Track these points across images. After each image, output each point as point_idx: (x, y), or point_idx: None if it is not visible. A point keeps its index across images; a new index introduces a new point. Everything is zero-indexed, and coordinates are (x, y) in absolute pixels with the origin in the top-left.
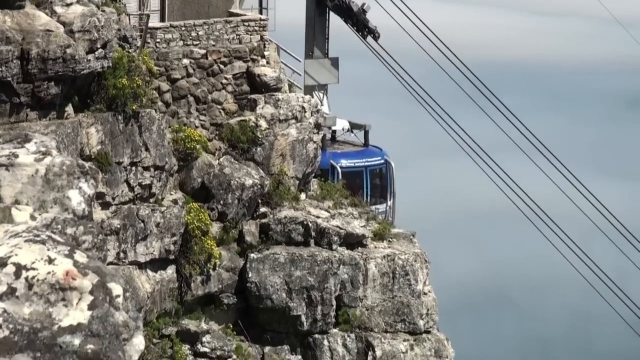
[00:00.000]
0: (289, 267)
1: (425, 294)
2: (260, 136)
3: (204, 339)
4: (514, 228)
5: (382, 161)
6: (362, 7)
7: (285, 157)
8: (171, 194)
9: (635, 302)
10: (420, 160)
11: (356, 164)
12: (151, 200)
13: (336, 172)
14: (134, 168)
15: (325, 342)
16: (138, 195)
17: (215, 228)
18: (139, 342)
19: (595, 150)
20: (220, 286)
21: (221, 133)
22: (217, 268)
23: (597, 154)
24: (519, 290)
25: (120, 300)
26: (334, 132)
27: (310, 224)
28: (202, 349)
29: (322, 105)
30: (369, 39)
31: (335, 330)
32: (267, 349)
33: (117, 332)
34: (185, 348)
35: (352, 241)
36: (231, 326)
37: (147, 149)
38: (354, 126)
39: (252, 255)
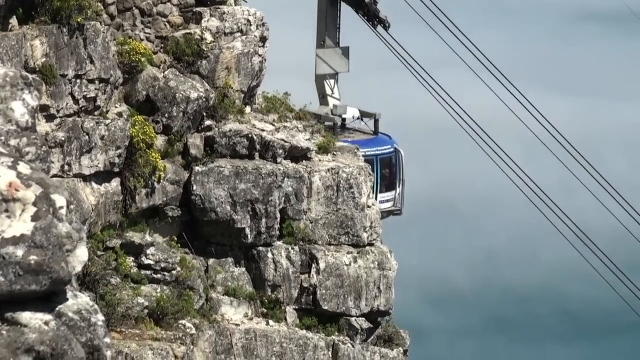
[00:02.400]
0: (234, 180)
1: (369, 206)
2: (205, 49)
3: (148, 251)
4: (460, 143)
5: (392, 149)
6: None
7: (231, 70)
8: (116, 107)
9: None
10: (365, 76)
11: (367, 153)
12: (96, 113)
13: None
14: (78, 81)
15: (269, 255)
16: (83, 108)
17: (160, 141)
18: (82, 253)
19: (540, 66)
20: (165, 199)
21: (166, 46)
22: (161, 181)
23: (542, 70)
24: (466, 203)
25: (63, 211)
26: (344, 119)
27: (255, 137)
28: (147, 261)
29: (333, 93)
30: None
31: (279, 243)
32: (211, 261)
33: (60, 243)
34: (130, 260)
35: (297, 154)
36: (175, 238)
37: (92, 62)
38: (363, 114)
39: (196, 168)
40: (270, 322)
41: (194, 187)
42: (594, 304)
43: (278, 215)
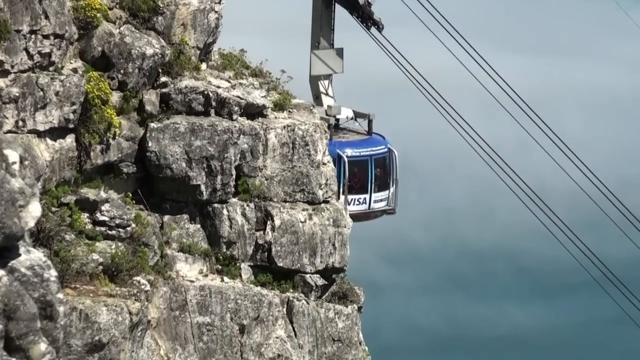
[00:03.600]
0: (189, 136)
1: (324, 164)
2: (161, 5)
3: (103, 208)
4: (416, 102)
5: (386, 150)
6: (367, 0)
7: (187, 26)
8: (71, 63)
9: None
10: None
11: (361, 153)
12: (51, 69)
13: (342, 161)
14: (33, 36)
15: (225, 212)
16: (37, 64)
17: (115, 97)
18: (35, 209)
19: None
20: (120, 155)
21: (122, 2)
22: (116, 137)
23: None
24: (422, 161)
25: (16, 167)
26: (338, 120)
27: (210, 94)
28: (101, 218)
29: (327, 94)
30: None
31: (234, 200)
32: (166, 217)
33: (13, 198)
34: (84, 216)
35: (253, 111)
36: (130, 195)
37: (46, 17)
38: (357, 115)
39: (152, 124)
40: (225, 278)
41: (150, 144)
42: (550, 262)
43: (234, 172)
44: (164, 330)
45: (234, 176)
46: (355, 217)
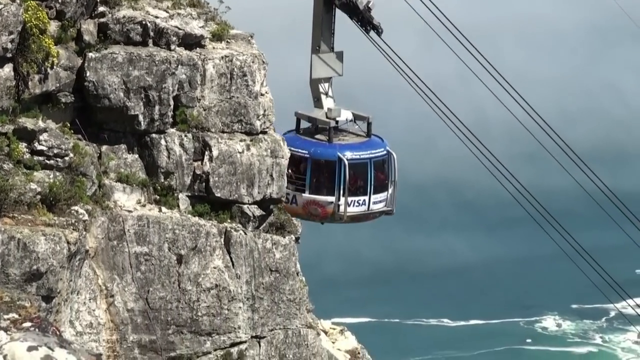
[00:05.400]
0: (127, 66)
1: (262, 95)
2: None
3: (41, 137)
4: (356, 32)
5: (385, 152)
6: (367, 5)
7: None
8: None
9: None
10: None
11: (361, 156)
12: None
13: (343, 164)
14: None
15: (163, 142)
16: None
17: (53, 27)
18: None
19: None
20: (58, 85)
21: None
22: (54, 67)
23: None
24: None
25: None
26: (337, 122)
27: (148, 24)
28: (39, 147)
29: (327, 96)
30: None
31: (172, 130)
32: (104, 147)
33: None
34: (22, 146)
35: (191, 42)
36: (68, 125)
37: None
38: (357, 117)
39: (90, 54)
40: (163, 209)
41: (88, 74)
42: (490, 195)
43: (171, 103)
44: (102, 260)
45: (171, 106)
46: (355, 218)
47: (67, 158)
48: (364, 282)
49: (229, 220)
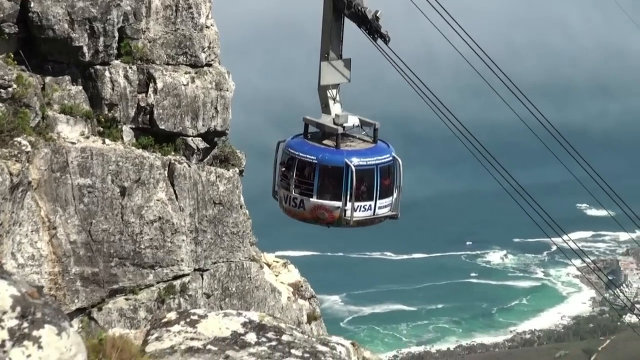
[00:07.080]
0: None
1: (207, 27)
2: None
3: None
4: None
5: (391, 158)
6: (375, 14)
7: None
8: None
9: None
10: None
11: (368, 162)
12: None
13: (350, 170)
14: None
15: (107, 74)
16: None
17: None
18: None
19: None
20: (2, 15)
21: None
22: None
23: None
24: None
25: None
26: (344, 128)
27: None
28: None
29: (335, 102)
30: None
31: (117, 62)
32: (48, 79)
33: None
34: None
35: None
36: (12, 56)
37: None
38: (364, 123)
39: None
40: (107, 140)
41: (32, 5)
42: (437, 129)
43: (116, 34)
44: (45, 192)
45: (116, 38)
46: (361, 222)
47: (10, 89)
48: None
49: (173, 153)
